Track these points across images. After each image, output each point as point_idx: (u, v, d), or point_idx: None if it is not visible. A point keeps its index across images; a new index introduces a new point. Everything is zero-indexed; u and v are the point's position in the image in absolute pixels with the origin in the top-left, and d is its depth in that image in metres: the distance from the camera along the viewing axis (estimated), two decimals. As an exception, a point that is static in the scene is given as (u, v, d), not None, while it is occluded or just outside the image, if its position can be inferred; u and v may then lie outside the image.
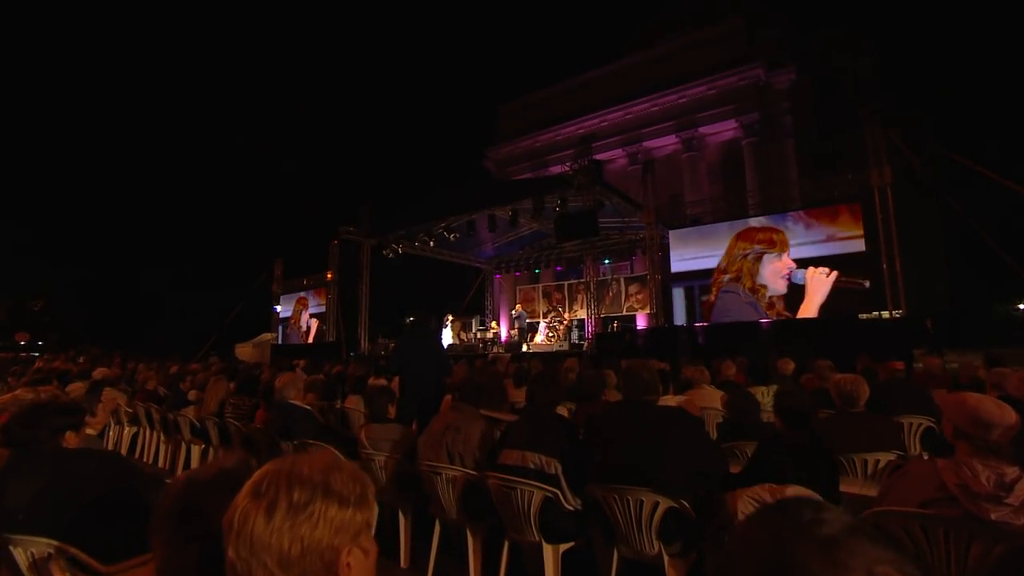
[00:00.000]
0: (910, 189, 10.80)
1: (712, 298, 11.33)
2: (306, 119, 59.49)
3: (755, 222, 10.92)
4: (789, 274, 9.92)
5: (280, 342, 21.07)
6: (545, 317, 20.98)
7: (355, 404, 4.98)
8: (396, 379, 4.49)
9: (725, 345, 9.83)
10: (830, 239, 9.79)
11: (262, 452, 3.77)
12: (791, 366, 5.27)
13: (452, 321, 18.70)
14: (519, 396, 5.45)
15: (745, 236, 10.81)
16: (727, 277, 10.92)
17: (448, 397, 4.15)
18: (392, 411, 2.90)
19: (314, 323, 19.83)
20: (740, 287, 10.64)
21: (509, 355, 13.78)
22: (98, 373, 6.95)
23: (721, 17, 20.96)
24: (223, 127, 56.59)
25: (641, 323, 20.19)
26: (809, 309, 9.82)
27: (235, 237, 44.11)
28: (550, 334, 18.15)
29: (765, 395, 3.96)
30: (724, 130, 21.42)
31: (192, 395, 4.65)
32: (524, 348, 17.29)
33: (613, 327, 17.73)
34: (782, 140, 20.21)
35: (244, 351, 25.75)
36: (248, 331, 25.43)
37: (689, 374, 5.84)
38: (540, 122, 25.77)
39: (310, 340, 19.69)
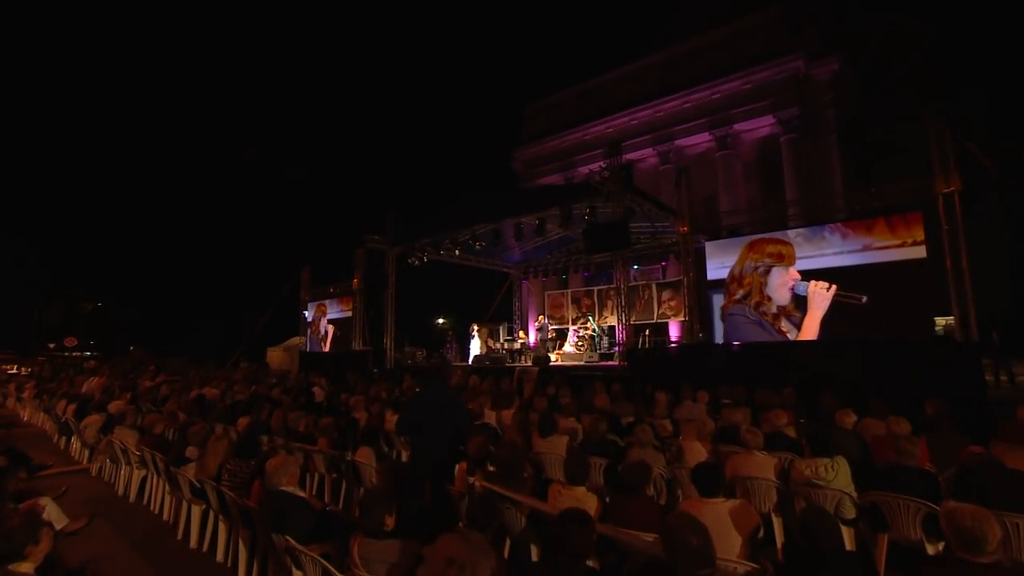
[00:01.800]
0: (971, 189, 9.80)
1: (727, 307, 11.36)
2: (331, 126, 60.07)
3: (768, 232, 11.15)
4: (793, 285, 10.25)
5: (307, 347, 21.19)
6: (574, 324, 20.40)
7: (366, 458, 4.61)
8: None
9: (765, 366, 9.13)
10: (866, 248, 9.57)
11: (259, 535, 3.42)
12: (851, 419, 4.62)
13: (479, 330, 18.33)
14: (545, 447, 5.00)
15: (756, 247, 11.02)
16: (741, 292, 11.09)
17: (463, 465, 3.74)
18: (390, 522, 2.48)
19: (330, 329, 19.86)
20: (746, 307, 10.86)
21: (537, 369, 13.34)
22: (113, 407, 6.81)
23: (756, 7, 19.90)
24: (261, 138, 57.75)
25: (674, 331, 19.44)
26: (812, 324, 10.02)
27: (268, 243, 44.99)
28: (579, 343, 17.59)
29: (829, 470, 3.39)
30: (760, 126, 20.38)
31: (191, 451, 4.36)
32: (552, 358, 16.80)
33: (645, 336, 17.06)
34: (824, 135, 19.09)
35: (275, 355, 26.14)
36: (280, 334, 25.72)
37: (735, 421, 5.27)
38: (568, 122, 25.13)
39: (327, 346, 19.72)
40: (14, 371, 27.74)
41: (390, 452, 5.65)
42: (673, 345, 18.46)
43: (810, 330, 10.21)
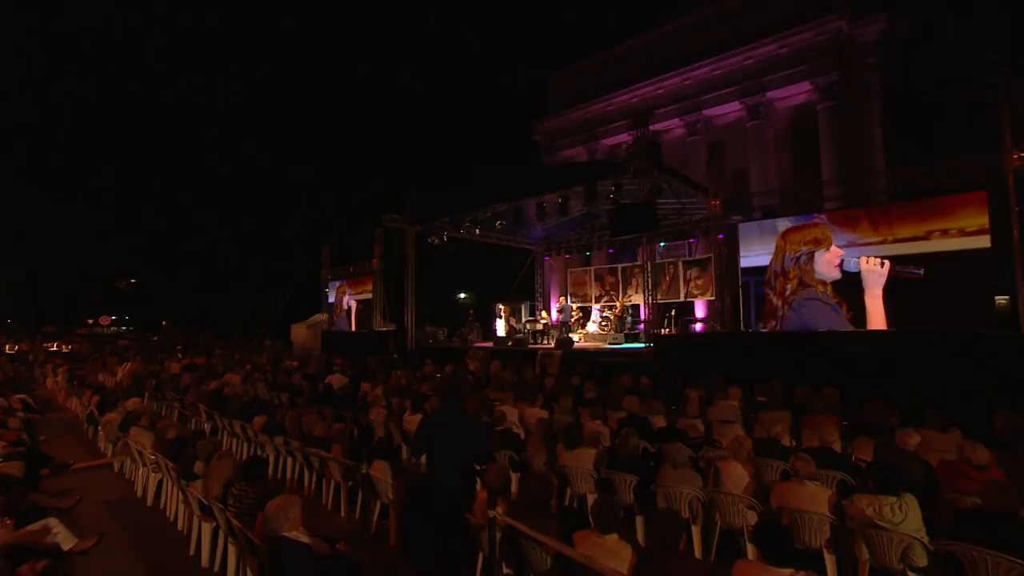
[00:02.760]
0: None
1: (779, 303, 10.70)
2: (349, 103, 59.32)
3: (798, 219, 10.63)
4: (840, 262, 9.70)
5: (330, 327, 21.38)
6: (597, 302, 19.95)
7: (382, 472, 4.37)
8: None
9: (799, 361, 8.53)
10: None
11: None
12: (915, 440, 4.14)
13: (504, 309, 18.02)
14: (571, 460, 4.69)
15: (790, 238, 10.53)
16: (790, 288, 10.51)
17: (483, 495, 3.45)
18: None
19: (354, 304, 20.12)
20: (818, 292, 10.13)
21: (559, 353, 13.02)
22: (131, 404, 6.73)
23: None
24: (281, 119, 57.68)
25: (700, 311, 18.87)
26: (874, 304, 9.40)
27: (291, 222, 45.29)
28: (603, 323, 17.17)
29: (896, 512, 2.98)
30: (795, 93, 19.13)
31: (198, 467, 4.18)
32: (576, 339, 16.47)
33: (670, 316, 16.51)
34: (865, 102, 17.78)
35: (299, 332, 26.41)
36: (303, 310, 25.91)
37: (775, 434, 4.87)
38: (591, 91, 24.12)
39: (353, 321, 20.05)
40: (55, 348, 28.75)
41: (409, 460, 5.43)
42: (698, 324, 17.93)
43: (875, 312, 9.49)
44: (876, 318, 9.36)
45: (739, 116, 20.27)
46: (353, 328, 20.17)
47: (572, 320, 18.05)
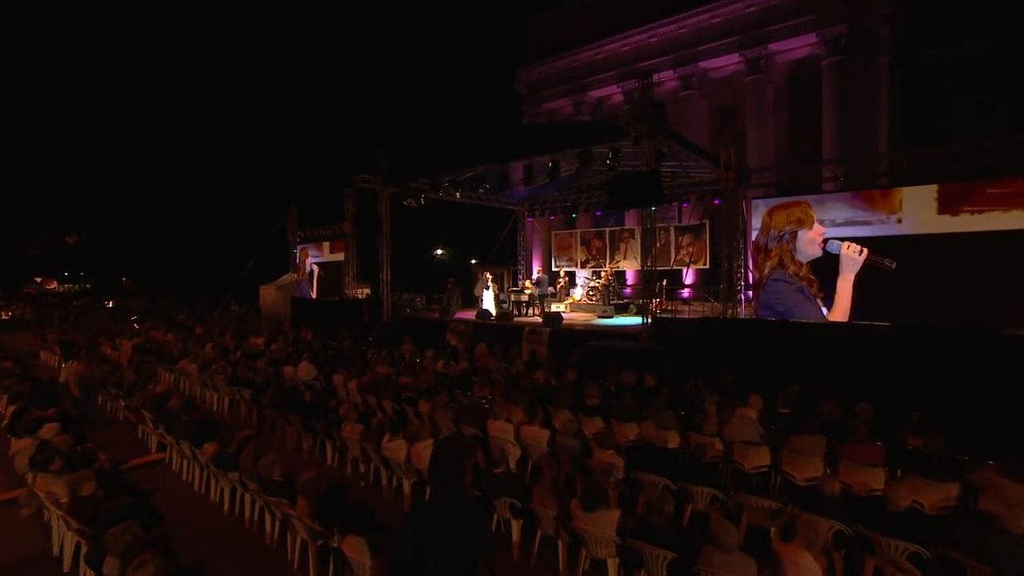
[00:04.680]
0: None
1: (758, 278, 10.61)
2: (317, 50, 54.91)
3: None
4: (824, 242, 9.75)
5: (299, 292, 20.23)
6: (584, 267, 19.06)
7: (358, 553, 3.48)
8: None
9: (811, 356, 7.84)
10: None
11: None
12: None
13: (488, 277, 16.89)
14: (590, 524, 3.87)
15: (778, 213, 10.34)
16: (770, 265, 10.40)
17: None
18: None
19: (316, 269, 19.49)
20: (784, 273, 10.20)
21: (548, 330, 12.19)
22: (47, 431, 5.59)
23: None
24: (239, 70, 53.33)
25: (689, 279, 18.21)
26: (844, 287, 9.50)
27: (259, 180, 42.47)
28: (591, 293, 16.32)
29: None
30: (798, 47, 17.83)
31: (109, 566, 3.15)
32: (562, 308, 15.68)
33: (661, 286, 15.73)
34: (873, 58, 16.65)
35: (268, 294, 25.00)
36: (271, 271, 24.46)
37: (828, 490, 4.09)
38: (579, 38, 22.34)
39: (315, 286, 19.49)
40: (-8, 316, 26.04)
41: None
42: (685, 291, 17.30)
43: (843, 296, 9.48)
44: (842, 302, 9.48)
45: (737, 70, 18.98)
46: (314, 294, 19.12)
47: (558, 288, 17.25)
